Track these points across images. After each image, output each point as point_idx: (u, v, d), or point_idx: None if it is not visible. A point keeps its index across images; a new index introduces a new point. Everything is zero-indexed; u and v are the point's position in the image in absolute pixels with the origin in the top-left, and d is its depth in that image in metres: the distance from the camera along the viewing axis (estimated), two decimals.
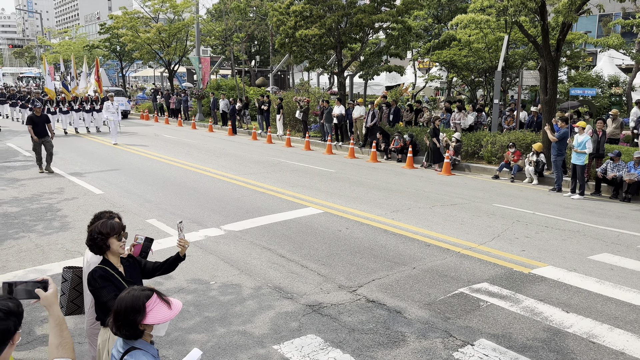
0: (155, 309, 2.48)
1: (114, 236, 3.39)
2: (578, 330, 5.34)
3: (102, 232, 3.36)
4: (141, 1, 31.68)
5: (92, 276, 3.34)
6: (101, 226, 3.37)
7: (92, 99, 23.88)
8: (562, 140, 12.23)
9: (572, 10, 12.02)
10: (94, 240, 3.38)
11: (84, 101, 23.65)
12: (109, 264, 3.42)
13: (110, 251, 3.42)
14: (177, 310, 2.54)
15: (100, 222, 3.42)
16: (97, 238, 3.36)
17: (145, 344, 2.55)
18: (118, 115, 20.41)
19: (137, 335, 2.51)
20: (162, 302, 2.51)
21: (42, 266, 7.03)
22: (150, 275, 3.75)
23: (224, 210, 10.01)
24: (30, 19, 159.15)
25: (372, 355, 4.85)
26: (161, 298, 2.52)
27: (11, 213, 9.71)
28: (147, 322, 2.46)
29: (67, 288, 3.94)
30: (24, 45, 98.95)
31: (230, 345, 5.01)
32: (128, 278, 3.47)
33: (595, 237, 8.60)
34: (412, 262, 7.30)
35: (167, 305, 2.51)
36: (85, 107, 23.65)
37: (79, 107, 23.54)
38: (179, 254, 3.75)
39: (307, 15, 19.49)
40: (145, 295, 2.49)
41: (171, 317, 2.51)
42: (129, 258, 3.61)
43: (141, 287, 2.57)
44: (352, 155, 17.51)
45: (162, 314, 2.48)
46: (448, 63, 22.51)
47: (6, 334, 1.87)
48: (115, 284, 3.34)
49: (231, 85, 31.06)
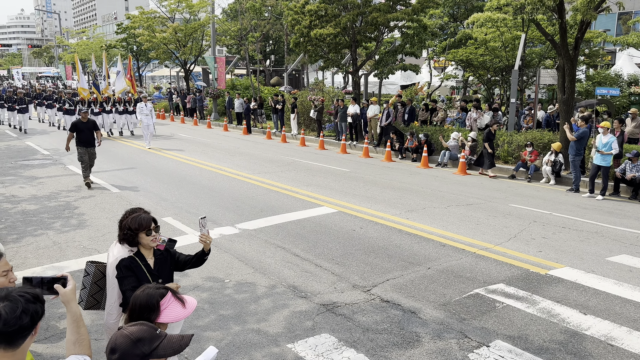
0: (169, 307, 2.48)
1: (143, 231, 3.53)
2: (596, 333, 5.27)
3: (131, 227, 3.52)
4: (158, 1, 31.92)
5: (119, 264, 3.52)
6: (131, 222, 3.52)
7: (125, 100, 22.29)
8: (581, 140, 12.06)
9: (591, 8, 11.86)
10: (125, 235, 3.54)
11: (117, 102, 22.12)
12: (140, 256, 3.59)
13: (142, 245, 3.59)
14: (191, 309, 2.53)
15: (130, 217, 3.55)
16: (127, 233, 3.53)
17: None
18: (152, 117, 18.78)
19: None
20: (176, 300, 2.51)
21: (60, 263, 7.12)
22: (183, 268, 3.88)
23: (239, 209, 10.05)
24: (49, 19, 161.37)
25: (387, 355, 4.83)
26: (175, 296, 2.52)
27: (30, 211, 9.85)
28: (160, 321, 2.46)
29: (88, 282, 3.94)
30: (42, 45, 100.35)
31: (245, 344, 5.02)
32: (155, 271, 3.61)
33: (613, 238, 8.47)
34: (427, 262, 7.26)
35: (181, 304, 2.50)
36: (118, 109, 22.16)
37: (111, 109, 22.08)
38: (203, 250, 3.82)
39: (322, 15, 19.50)
40: (159, 294, 2.50)
41: (185, 315, 2.51)
42: (163, 251, 3.75)
43: (156, 286, 2.58)
44: (366, 154, 17.47)
45: (175, 312, 2.48)
46: (464, 62, 22.33)
47: (35, 316, 1.92)
48: (137, 275, 3.50)
49: (246, 85, 31.18)
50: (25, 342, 1.92)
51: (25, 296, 1.91)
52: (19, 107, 23.20)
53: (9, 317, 1.84)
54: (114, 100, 22.00)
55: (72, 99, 21.48)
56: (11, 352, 1.89)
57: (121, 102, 22.08)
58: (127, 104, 22.21)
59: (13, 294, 1.90)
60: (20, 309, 1.87)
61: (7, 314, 1.84)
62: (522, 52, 17.36)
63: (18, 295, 1.90)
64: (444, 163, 15.60)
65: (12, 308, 1.86)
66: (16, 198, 10.78)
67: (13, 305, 1.87)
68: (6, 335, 1.85)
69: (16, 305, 1.87)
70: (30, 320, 1.89)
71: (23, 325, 1.87)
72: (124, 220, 3.57)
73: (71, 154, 16.75)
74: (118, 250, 3.68)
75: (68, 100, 21.42)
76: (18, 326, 1.86)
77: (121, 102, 22.08)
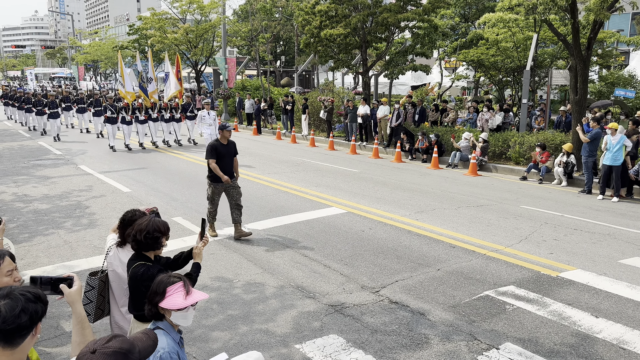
0: (173, 295, 2.63)
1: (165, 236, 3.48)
2: (608, 336, 5.20)
3: (160, 229, 3.41)
4: (169, 2, 32.11)
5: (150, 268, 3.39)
6: (160, 224, 3.42)
7: (172, 106, 19.60)
8: (593, 141, 11.93)
9: (604, 8, 11.72)
10: (152, 238, 3.39)
11: (163, 108, 19.35)
12: (150, 260, 3.48)
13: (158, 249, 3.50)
14: (190, 301, 2.65)
15: (152, 220, 3.42)
16: (156, 236, 3.39)
17: (169, 327, 2.70)
18: (215, 128, 15.85)
19: (157, 316, 2.69)
20: (182, 290, 2.65)
21: (70, 262, 7.18)
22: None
23: (248, 209, 10.06)
24: (62, 21, 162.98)
25: (395, 356, 4.80)
26: (184, 287, 2.66)
27: (41, 210, 9.94)
28: (162, 306, 2.63)
29: (94, 295, 3.85)
30: (55, 46, 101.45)
31: (253, 344, 5.02)
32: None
33: (626, 241, 8.36)
34: (436, 263, 7.21)
35: (184, 295, 2.64)
36: (165, 116, 19.36)
37: (158, 116, 19.24)
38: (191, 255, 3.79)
39: (333, 15, 19.48)
40: (170, 282, 2.67)
41: (185, 305, 2.62)
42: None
43: (174, 274, 2.75)
44: (376, 155, 17.42)
45: (175, 301, 2.62)
46: (475, 62, 22.19)
47: (34, 316, 1.92)
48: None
49: (256, 86, 31.25)
50: (25, 341, 1.92)
51: (27, 295, 1.91)
52: (50, 112, 20.87)
53: (7, 315, 1.84)
54: (160, 107, 19.38)
55: (114, 105, 18.33)
56: (10, 351, 1.89)
57: (167, 108, 19.51)
58: (173, 110, 19.59)
59: (14, 293, 1.90)
60: (19, 308, 1.87)
61: (6, 312, 1.84)
62: (534, 52, 17.21)
63: (19, 294, 1.90)
64: (454, 164, 15.51)
65: (12, 306, 1.86)
66: (28, 197, 10.88)
67: (13, 303, 1.87)
68: (4, 333, 1.85)
69: (16, 303, 1.87)
70: (29, 320, 1.89)
71: (21, 324, 1.87)
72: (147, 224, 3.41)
73: (82, 154, 16.97)
74: (125, 255, 3.67)
75: (110, 106, 18.17)
76: (16, 325, 1.86)
77: (167, 108, 19.51)
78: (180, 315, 2.66)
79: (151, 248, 3.45)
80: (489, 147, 15.34)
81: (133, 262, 3.44)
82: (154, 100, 19.27)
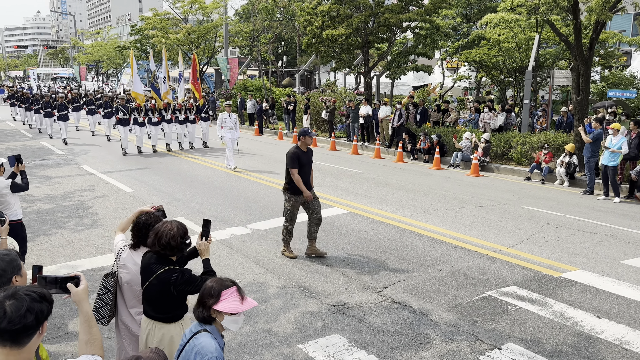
0: (228, 299, 2.68)
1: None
2: (610, 337, 5.20)
3: (187, 232, 3.49)
4: (171, 2, 32.16)
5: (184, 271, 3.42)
6: (184, 227, 3.48)
7: (186, 107, 18.68)
8: (595, 142, 11.93)
9: (606, 9, 11.72)
10: (183, 243, 3.46)
11: (177, 110, 18.45)
12: (174, 263, 3.50)
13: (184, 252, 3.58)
14: (248, 306, 2.72)
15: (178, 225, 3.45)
16: (186, 240, 3.47)
17: (215, 331, 2.74)
18: (237, 131, 15.07)
19: (207, 319, 2.72)
20: (237, 295, 2.71)
21: (74, 262, 7.20)
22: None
23: (250, 209, 10.08)
24: (64, 21, 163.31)
25: (397, 356, 4.81)
26: (239, 292, 2.73)
27: (44, 210, 9.97)
28: (217, 308, 2.67)
29: (109, 298, 3.79)
30: (57, 46, 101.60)
31: (256, 344, 5.03)
32: None
33: (628, 241, 8.36)
34: (438, 263, 7.22)
35: (240, 300, 2.70)
36: (179, 117, 18.45)
37: (172, 118, 18.25)
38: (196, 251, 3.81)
39: (334, 15, 19.50)
40: (225, 285, 2.73)
41: (241, 310, 2.69)
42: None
43: (226, 278, 2.81)
44: (378, 155, 17.43)
45: (232, 304, 2.68)
46: (477, 63, 22.20)
47: (40, 315, 1.94)
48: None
49: (258, 86, 31.28)
50: (32, 341, 1.93)
51: (32, 295, 1.93)
52: (59, 114, 19.87)
53: (13, 315, 1.86)
54: (174, 107, 18.41)
55: (126, 106, 17.54)
56: (17, 351, 1.90)
57: (181, 109, 18.55)
58: (187, 111, 18.64)
59: (20, 293, 1.92)
60: (25, 308, 1.88)
61: (11, 312, 1.86)
62: (535, 52, 17.22)
63: (24, 294, 1.92)
64: (456, 164, 15.51)
65: (17, 306, 1.88)
66: (31, 197, 10.91)
67: (18, 303, 1.88)
68: (11, 333, 1.87)
69: (21, 304, 1.89)
70: (35, 320, 1.90)
71: (27, 324, 1.88)
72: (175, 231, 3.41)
73: (84, 154, 17.00)
74: (140, 257, 3.67)
75: (121, 107, 17.46)
76: (22, 325, 1.87)
77: (181, 109, 18.55)
78: (232, 319, 2.71)
79: (181, 252, 3.51)
80: (490, 147, 15.34)
81: (159, 266, 3.42)
82: (168, 100, 18.34)
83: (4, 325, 1.85)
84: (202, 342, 2.63)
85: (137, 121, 17.17)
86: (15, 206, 6.14)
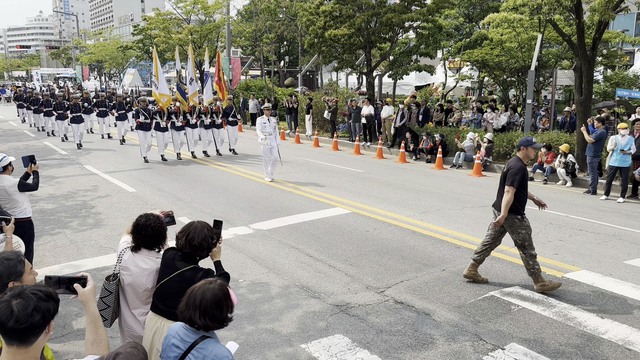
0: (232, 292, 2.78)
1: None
2: (613, 337, 5.19)
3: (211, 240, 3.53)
4: (173, 2, 32.19)
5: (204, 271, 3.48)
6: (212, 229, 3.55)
7: (212, 110, 17.37)
8: (598, 142, 11.90)
9: (609, 8, 11.70)
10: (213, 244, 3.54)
11: (203, 113, 17.09)
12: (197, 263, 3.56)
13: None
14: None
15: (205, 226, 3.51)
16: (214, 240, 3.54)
17: (214, 334, 2.70)
18: (277, 137, 13.08)
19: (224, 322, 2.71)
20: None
21: (77, 261, 7.21)
22: None
23: (253, 209, 10.09)
24: (67, 21, 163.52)
25: (400, 357, 4.81)
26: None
27: (47, 209, 10.00)
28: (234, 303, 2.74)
29: (111, 300, 3.80)
30: (60, 46, 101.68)
31: (259, 343, 5.04)
32: None
33: (632, 242, 8.34)
34: (441, 264, 7.22)
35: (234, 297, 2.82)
36: (205, 121, 17.09)
37: (197, 122, 17.01)
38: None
39: (337, 15, 19.50)
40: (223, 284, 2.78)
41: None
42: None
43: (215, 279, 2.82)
44: (380, 155, 17.43)
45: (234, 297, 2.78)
46: (479, 62, 22.17)
47: (47, 314, 1.95)
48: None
49: (260, 86, 31.31)
50: (39, 339, 1.95)
51: (38, 294, 1.94)
52: (72, 116, 18.86)
53: (20, 314, 1.87)
54: (199, 111, 17.04)
55: (147, 109, 16.14)
56: (24, 349, 1.92)
57: (207, 112, 17.19)
58: (214, 115, 17.42)
59: (26, 292, 1.93)
60: (31, 307, 1.90)
61: (18, 312, 1.87)
62: (538, 52, 17.19)
63: (31, 293, 1.93)
64: (458, 164, 15.50)
65: (24, 305, 1.89)
66: (34, 197, 10.93)
67: (25, 302, 1.90)
68: (18, 332, 1.88)
69: (28, 303, 1.90)
70: (41, 318, 1.92)
71: (34, 323, 1.90)
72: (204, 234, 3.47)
73: (87, 154, 17.03)
74: (142, 260, 3.67)
75: (142, 110, 16.01)
76: (29, 324, 1.89)
77: (207, 112, 17.19)
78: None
79: (209, 252, 3.56)
80: (493, 147, 15.32)
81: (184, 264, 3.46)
82: (194, 103, 16.95)
83: (11, 324, 1.86)
84: (213, 351, 2.55)
85: (159, 126, 15.89)
86: (25, 204, 6.20)
